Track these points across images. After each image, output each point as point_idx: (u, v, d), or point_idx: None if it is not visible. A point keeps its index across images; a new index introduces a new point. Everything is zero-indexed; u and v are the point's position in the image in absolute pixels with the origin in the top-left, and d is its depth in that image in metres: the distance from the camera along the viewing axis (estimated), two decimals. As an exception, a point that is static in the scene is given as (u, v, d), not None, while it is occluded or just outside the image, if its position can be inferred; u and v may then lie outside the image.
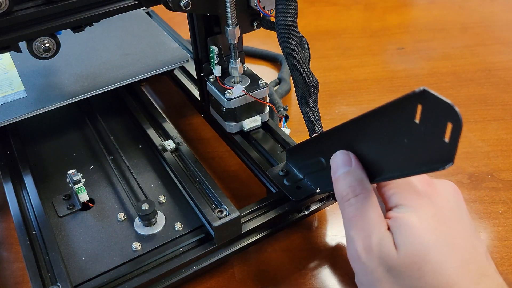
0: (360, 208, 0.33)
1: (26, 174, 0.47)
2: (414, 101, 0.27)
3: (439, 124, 0.26)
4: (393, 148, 0.30)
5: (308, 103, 0.43)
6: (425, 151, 0.28)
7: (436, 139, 0.26)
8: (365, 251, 0.32)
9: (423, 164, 0.28)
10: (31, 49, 0.40)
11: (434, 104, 0.26)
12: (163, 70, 0.54)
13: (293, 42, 0.40)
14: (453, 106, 0.25)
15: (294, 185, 0.42)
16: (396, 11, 0.85)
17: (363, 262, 0.32)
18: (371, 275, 0.32)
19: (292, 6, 0.39)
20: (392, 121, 0.29)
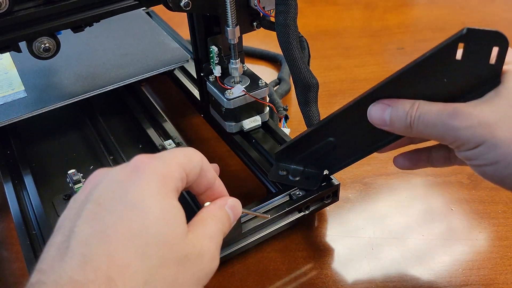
0: (425, 107, 0.32)
1: (26, 174, 0.47)
2: (456, 42, 0.30)
3: (484, 52, 0.29)
4: (431, 91, 0.32)
5: (308, 103, 0.43)
6: (468, 82, 0.30)
7: (482, 65, 0.29)
8: (463, 118, 0.30)
9: (467, 93, 0.30)
10: (31, 49, 0.40)
11: (479, 37, 0.29)
12: (163, 70, 0.55)
13: (293, 42, 0.40)
14: (499, 32, 0.28)
15: (302, 177, 0.42)
16: (397, 11, 0.84)
17: (468, 127, 0.30)
18: (480, 129, 0.30)
19: (292, 6, 0.39)
20: (429, 70, 0.31)
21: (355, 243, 0.44)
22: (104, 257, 0.24)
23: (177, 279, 0.26)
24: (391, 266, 0.41)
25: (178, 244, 0.26)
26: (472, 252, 0.42)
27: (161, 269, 0.25)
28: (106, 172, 0.28)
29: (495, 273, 0.40)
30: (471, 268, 0.41)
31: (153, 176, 0.27)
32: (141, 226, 0.25)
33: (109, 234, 0.25)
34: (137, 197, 0.26)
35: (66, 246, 0.25)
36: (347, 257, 0.42)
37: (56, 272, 0.24)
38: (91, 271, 0.23)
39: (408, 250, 0.43)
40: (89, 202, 0.26)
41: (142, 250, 0.25)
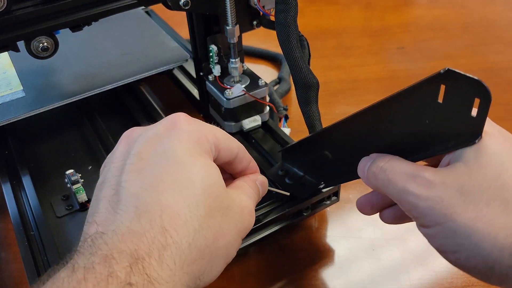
0: (393, 163, 0.30)
1: (24, 175, 0.47)
2: (437, 82, 0.27)
3: (465, 101, 0.26)
4: (412, 131, 0.30)
5: (308, 103, 0.43)
6: (449, 130, 0.28)
7: (462, 115, 0.26)
8: (423, 186, 0.27)
9: (446, 142, 0.28)
10: (29, 48, 0.40)
11: (460, 82, 0.26)
12: (162, 69, 0.54)
13: (293, 41, 0.40)
14: (481, 82, 0.25)
15: (297, 183, 0.42)
16: (397, 10, 0.84)
17: (426, 197, 0.27)
18: (444, 203, 0.26)
19: (292, 5, 0.39)
20: (411, 105, 0.29)
21: (356, 243, 0.43)
22: (156, 207, 0.25)
23: (222, 228, 0.28)
24: (391, 267, 0.41)
25: (221, 195, 0.28)
26: (473, 253, 0.42)
27: (208, 218, 0.27)
28: (144, 128, 0.30)
29: (497, 274, 0.40)
30: (473, 269, 0.40)
31: (189, 134, 0.29)
32: (186, 178, 0.27)
33: (157, 186, 0.26)
34: (178, 152, 0.27)
35: (117, 199, 0.26)
36: (348, 258, 0.42)
37: (113, 223, 0.25)
38: (146, 221, 0.25)
39: (409, 250, 0.42)
40: (131, 156, 0.28)
41: (190, 201, 0.26)
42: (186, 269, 0.25)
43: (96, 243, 0.25)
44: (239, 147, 0.33)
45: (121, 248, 0.24)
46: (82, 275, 0.23)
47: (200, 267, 0.26)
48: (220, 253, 0.28)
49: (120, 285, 0.23)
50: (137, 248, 0.24)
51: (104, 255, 0.24)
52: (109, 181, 0.28)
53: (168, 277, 0.24)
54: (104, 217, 0.26)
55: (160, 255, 0.24)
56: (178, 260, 0.25)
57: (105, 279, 0.23)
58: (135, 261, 0.24)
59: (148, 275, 0.24)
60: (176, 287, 0.25)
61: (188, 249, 0.26)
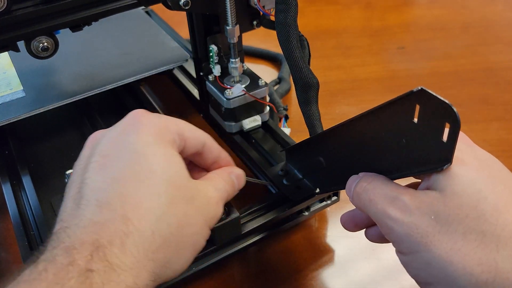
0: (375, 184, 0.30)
1: (24, 174, 0.47)
2: (412, 100, 0.27)
3: (437, 124, 0.25)
4: (392, 148, 0.30)
5: (308, 103, 0.43)
6: (424, 151, 0.27)
7: (434, 139, 0.26)
8: (401, 210, 0.27)
9: (421, 165, 0.28)
10: (29, 48, 0.40)
11: (432, 104, 0.25)
12: (162, 69, 0.54)
13: (293, 41, 0.40)
14: (451, 106, 0.24)
15: (293, 185, 0.42)
16: (397, 10, 0.84)
17: (403, 224, 0.26)
18: (419, 231, 0.26)
19: (292, 4, 0.39)
20: (389, 120, 0.29)
21: (356, 243, 0.43)
22: (118, 198, 0.26)
23: (187, 216, 0.28)
24: (392, 267, 0.41)
25: (184, 185, 0.29)
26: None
27: (171, 206, 0.27)
28: (105, 131, 0.31)
29: (497, 274, 0.40)
30: (473, 269, 0.40)
31: (150, 126, 0.29)
32: (147, 169, 0.27)
33: (119, 179, 0.27)
34: (139, 145, 0.28)
35: (80, 196, 0.27)
36: (348, 258, 0.42)
37: (77, 217, 0.26)
38: (107, 212, 0.26)
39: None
40: (94, 155, 0.28)
41: (151, 190, 0.27)
42: (151, 256, 0.26)
43: (59, 237, 0.25)
44: (206, 136, 0.33)
45: (83, 239, 0.25)
46: (43, 266, 0.24)
47: (166, 254, 0.27)
48: (186, 241, 0.28)
49: (80, 272, 0.23)
50: (99, 237, 0.25)
51: (66, 247, 0.24)
52: (74, 181, 0.28)
53: (131, 263, 0.25)
54: (68, 214, 0.27)
55: (123, 242, 0.25)
56: (141, 247, 0.25)
57: (65, 268, 0.23)
58: (96, 249, 0.24)
59: (110, 261, 0.24)
60: (141, 273, 0.25)
61: (151, 236, 0.26)
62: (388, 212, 0.27)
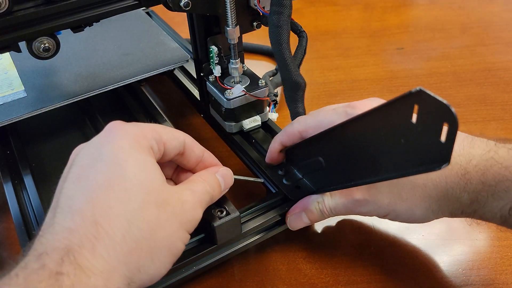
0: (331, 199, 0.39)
1: (26, 174, 0.47)
2: (410, 101, 0.27)
3: (435, 124, 0.26)
4: (390, 148, 0.30)
5: (295, 101, 0.44)
6: (422, 151, 0.28)
7: (432, 139, 0.26)
8: (362, 204, 0.37)
9: (420, 164, 0.28)
10: (31, 49, 0.40)
11: (430, 104, 0.26)
12: (163, 70, 0.54)
13: (284, 43, 0.41)
14: (449, 107, 0.25)
15: (293, 184, 0.42)
16: (396, 11, 0.85)
17: (369, 211, 0.38)
18: (380, 209, 0.38)
19: (286, 7, 0.39)
20: (388, 121, 0.29)
21: (356, 243, 0.44)
22: (89, 205, 0.27)
23: (159, 220, 0.28)
24: (391, 266, 0.41)
25: (156, 189, 0.29)
26: (472, 252, 0.42)
27: (142, 210, 0.28)
28: (84, 144, 0.32)
29: (496, 273, 0.40)
30: (471, 268, 0.41)
31: (125, 135, 0.30)
32: (119, 175, 0.28)
33: (91, 187, 0.28)
34: (112, 153, 0.29)
35: (56, 205, 0.28)
36: (347, 257, 0.42)
37: (51, 226, 0.27)
38: (78, 218, 0.26)
39: (408, 249, 0.43)
40: (72, 167, 0.30)
41: (121, 195, 0.27)
42: (123, 260, 0.26)
43: (33, 246, 0.26)
44: (186, 135, 0.34)
45: (54, 245, 0.25)
46: (15, 273, 0.24)
47: (139, 258, 0.27)
48: (160, 245, 0.29)
49: (51, 275, 0.24)
50: (70, 242, 0.25)
51: (39, 253, 0.25)
52: (55, 194, 0.30)
53: (102, 266, 0.25)
54: (45, 225, 0.28)
55: (93, 246, 0.26)
56: (112, 251, 0.26)
57: (35, 272, 0.24)
58: (66, 254, 0.25)
59: (80, 264, 0.25)
60: (112, 277, 0.26)
61: (123, 240, 0.27)
62: (356, 212, 0.39)
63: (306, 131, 0.39)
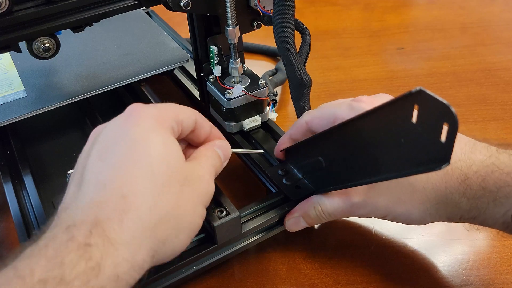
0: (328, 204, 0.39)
1: (26, 174, 0.47)
2: (410, 101, 0.27)
3: (435, 124, 0.26)
4: (390, 148, 0.30)
5: (301, 99, 0.44)
6: (422, 151, 0.28)
7: (433, 139, 0.26)
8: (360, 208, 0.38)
9: (420, 164, 0.28)
10: (31, 49, 0.40)
11: (430, 104, 0.26)
12: (163, 70, 0.54)
13: (289, 42, 0.41)
14: (449, 107, 0.24)
15: (293, 184, 0.42)
16: (396, 11, 0.85)
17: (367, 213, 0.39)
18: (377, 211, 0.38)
19: (289, 6, 0.40)
20: (388, 121, 0.29)
21: (356, 243, 0.44)
22: (116, 179, 0.28)
23: (182, 195, 0.30)
24: (391, 266, 0.41)
25: (178, 167, 0.30)
26: (472, 252, 0.42)
27: (166, 186, 0.29)
28: (106, 124, 0.33)
29: (495, 273, 0.40)
30: (471, 268, 0.41)
31: (147, 116, 0.31)
32: (143, 153, 0.29)
33: (118, 162, 0.29)
34: (137, 133, 0.30)
35: (81, 180, 0.29)
36: (347, 257, 0.42)
37: (77, 199, 0.28)
38: (106, 191, 0.27)
39: (408, 249, 0.43)
40: (95, 144, 0.31)
41: (148, 171, 0.28)
42: (148, 233, 0.27)
43: (60, 217, 0.27)
44: (196, 113, 0.35)
45: (82, 218, 0.26)
46: (44, 243, 0.25)
47: (164, 231, 0.28)
48: (183, 219, 0.30)
49: (79, 246, 0.25)
50: (98, 215, 0.26)
51: (67, 225, 0.26)
52: (77, 169, 0.31)
53: (129, 238, 0.26)
54: (70, 197, 0.29)
55: (121, 218, 0.26)
56: (139, 223, 0.27)
57: (64, 244, 0.25)
58: (95, 226, 0.26)
59: (108, 236, 0.26)
60: (139, 249, 0.27)
61: (149, 214, 0.27)
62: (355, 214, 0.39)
63: (312, 121, 0.40)
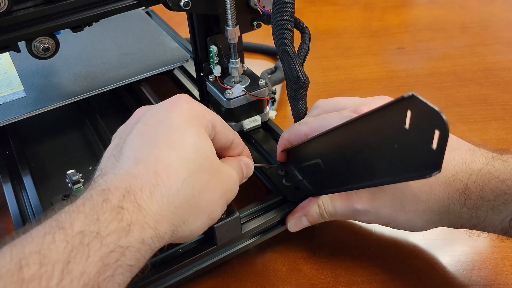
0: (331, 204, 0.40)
1: (25, 174, 0.47)
2: (403, 106, 0.26)
3: (427, 131, 0.25)
4: (384, 153, 0.30)
5: (297, 98, 0.44)
6: (414, 158, 0.27)
7: (424, 145, 0.26)
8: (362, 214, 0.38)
9: (412, 170, 0.28)
10: (30, 49, 0.40)
11: (422, 110, 0.25)
12: (163, 70, 0.54)
13: (287, 42, 0.41)
14: (440, 114, 0.24)
15: (293, 185, 0.42)
16: (396, 11, 0.84)
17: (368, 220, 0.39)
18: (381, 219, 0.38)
19: (289, 6, 0.39)
20: (382, 125, 0.29)
21: (356, 243, 0.44)
22: (152, 157, 0.30)
23: (209, 184, 0.32)
24: (391, 267, 0.41)
25: (210, 158, 0.33)
26: (472, 252, 0.42)
27: (197, 172, 0.31)
28: (150, 106, 0.35)
29: (496, 274, 0.40)
30: (472, 268, 0.41)
31: (189, 109, 0.33)
32: (181, 139, 0.31)
33: (156, 143, 0.31)
34: (177, 120, 0.32)
35: (120, 153, 0.31)
36: (347, 257, 0.42)
37: (115, 168, 0.30)
38: (142, 167, 0.30)
39: (409, 250, 0.43)
40: (138, 123, 0.33)
41: (182, 155, 0.31)
42: (172, 210, 0.30)
43: (96, 182, 0.30)
44: (235, 134, 0.38)
45: (117, 185, 0.29)
46: (81, 202, 0.28)
47: (186, 212, 0.31)
48: (204, 206, 0.32)
49: (113, 208, 0.27)
50: (131, 184, 0.29)
51: (102, 189, 0.28)
52: (117, 142, 0.33)
53: (156, 210, 0.29)
54: (108, 166, 0.31)
55: (151, 191, 0.29)
56: (166, 199, 0.29)
57: (99, 204, 0.27)
58: (127, 193, 0.28)
59: (138, 203, 0.28)
60: (162, 221, 0.29)
61: (176, 193, 0.30)
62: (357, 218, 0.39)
63: (311, 134, 0.40)
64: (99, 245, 0.26)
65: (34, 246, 0.25)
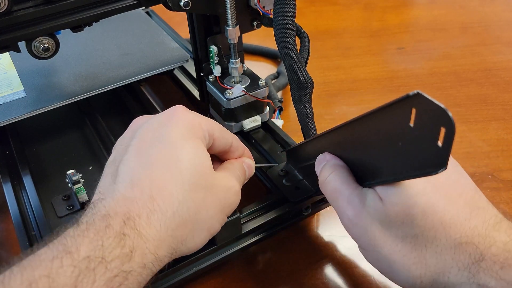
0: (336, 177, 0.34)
1: (25, 175, 0.47)
2: (408, 104, 0.26)
3: (432, 128, 0.25)
4: (388, 151, 0.30)
5: (302, 101, 0.44)
6: (419, 155, 0.27)
7: (430, 143, 0.26)
8: (355, 213, 0.32)
9: (417, 168, 0.28)
10: (30, 49, 0.40)
11: (427, 108, 0.25)
12: (163, 70, 0.54)
13: (290, 42, 0.40)
14: (446, 111, 0.24)
15: (293, 185, 0.42)
16: (396, 11, 0.84)
17: (357, 225, 0.32)
18: (368, 234, 0.32)
19: (290, 6, 0.39)
20: (386, 124, 0.29)
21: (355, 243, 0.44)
22: (147, 181, 0.31)
23: (205, 202, 0.32)
24: (391, 267, 0.41)
25: (206, 174, 0.33)
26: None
27: (192, 192, 0.31)
28: (149, 117, 0.36)
29: (496, 274, 0.40)
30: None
31: (185, 122, 0.33)
32: (175, 158, 0.31)
33: (150, 164, 0.31)
34: (172, 136, 0.32)
35: (116, 173, 0.32)
36: (348, 257, 0.42)
37: (112, 192, 0.31)
38: (137, 190, 0.30)
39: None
40: (134, 139, 0.33)
41: (177, 177, 0.31)
42: (170, 233, 0.30)
43: (97, 206, 0.30)
44: (233, 137, 0.38)
45: (116, 210, 0.29)
46: (85, 227, 0.28)
47: (183, 233, 0.31)
48: (202, 224, 0.32)
49: (116, 234, 0.28)
50: (129, 210, 0.29)
51: (103, 214, 0.29)
52: (115, 160, 0.33)
53: (154, 235, 0.29)
54: (105, 188, 0.31)
55: (148, 217, 0.29)
56: (163, 223, 0.30)
57: (103, 229, 0.28)
58: (127, 219, 0.29)
59: (138, 230, 0.29)
60: (161, 245, 0.30)
61: (172, 216, 0.30)
62: (346, 212, 0.33)
63: None
64: (104, 270, 0.27)
65: (43, 270, 0.25)
